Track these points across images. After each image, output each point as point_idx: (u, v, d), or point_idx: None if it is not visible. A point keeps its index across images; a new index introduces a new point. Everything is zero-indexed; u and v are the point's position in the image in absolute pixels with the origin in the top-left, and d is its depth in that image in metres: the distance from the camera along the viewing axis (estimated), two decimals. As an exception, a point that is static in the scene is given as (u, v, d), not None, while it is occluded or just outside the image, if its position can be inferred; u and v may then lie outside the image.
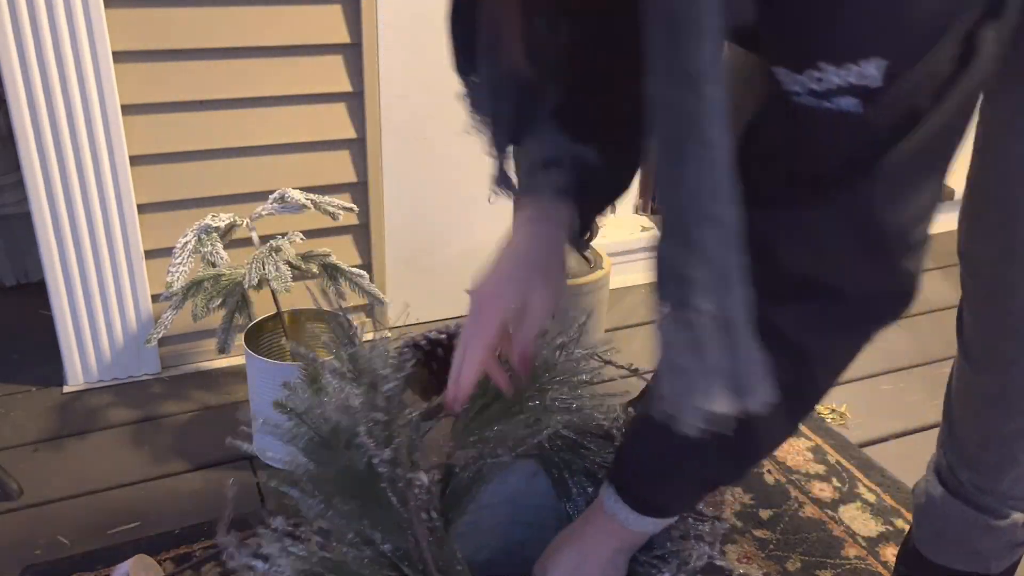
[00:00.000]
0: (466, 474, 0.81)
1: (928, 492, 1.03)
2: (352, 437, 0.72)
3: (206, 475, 1.36)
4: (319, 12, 1.49)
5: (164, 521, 1.26)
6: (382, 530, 0.72)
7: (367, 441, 0.70)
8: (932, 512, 1.02)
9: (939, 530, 1.02)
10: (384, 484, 0.71)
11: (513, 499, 0.94)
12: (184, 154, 1.52)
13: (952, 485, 1.00)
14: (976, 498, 0.97)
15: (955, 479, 0.99)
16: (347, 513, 0.72)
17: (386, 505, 0.71)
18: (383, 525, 0.72)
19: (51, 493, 1.32)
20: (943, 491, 1.00)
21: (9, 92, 1.35)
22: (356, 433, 0.71)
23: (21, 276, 1.93)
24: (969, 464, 0.98)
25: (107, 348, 1.57)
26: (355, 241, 1.71)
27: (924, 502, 1.03)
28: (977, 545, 1.00)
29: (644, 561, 0.81)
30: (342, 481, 0.73)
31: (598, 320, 1.68)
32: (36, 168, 1.41)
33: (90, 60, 1.37)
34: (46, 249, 1.47)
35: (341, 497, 0.72)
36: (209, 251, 1.29)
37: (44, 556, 1.20)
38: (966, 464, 0.98)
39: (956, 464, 0.99)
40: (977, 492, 0.97)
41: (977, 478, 0.97)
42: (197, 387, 1.59)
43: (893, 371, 1.70)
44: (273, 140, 1.56)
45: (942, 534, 1.02)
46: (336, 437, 0.74)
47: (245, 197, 1.56)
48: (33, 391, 1.57)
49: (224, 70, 1.48)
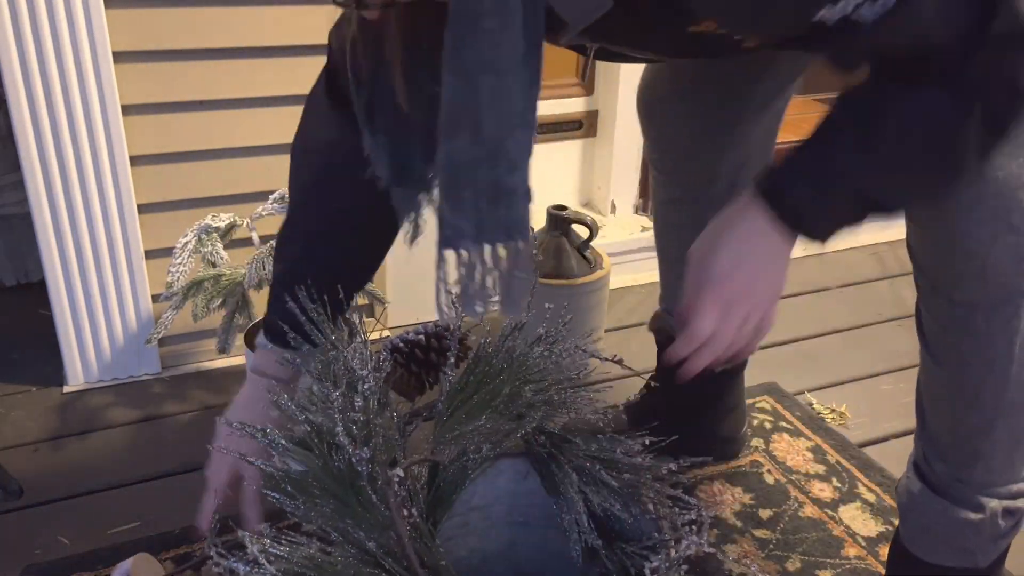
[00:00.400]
0: (450, 471, 0.82)
1: (909, 489, 1.03)
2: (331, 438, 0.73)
3: (206, 475, 1.36)
4: (319, 12, 1.49)
5: (164, 521, 1.26)
6: (365, 529, 0.72)
7: (344, 440, 0.71)
8: (915, 509, 1.03)
9: (923, 526, 1.03)
10: (364, 483, 0.71)
11: (504, 499, 0.94)
12: (184, 154, 1.52)
13: (931, 479, 1.01)
14: (953, 490, 0.98)
15: (932, 472, 1.00)
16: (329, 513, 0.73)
17: (368, 504, 0.72)
18: (366, 524, 0.72)
19: (51, 493, 1.32)
20: (922, 486, 1.01)
21: (9, 92, 1.35)
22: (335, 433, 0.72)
23: (21, 276, 1.93)
24: (942, 456, 0.99)
25: (107, 348, 1.57)
26: (355, 241, 1.71)
27: (906, 500, 1.04)
28: (961, 540, 1.00)
29: (632, 552, 0.81)
30: (323, 481, 0.73)
31: (598, 320, 1.69)
32: (36, 168, 1.41)
33: (90, 60, 1.37)
34: (46, 249, 1.47)
35: (323, 497, 0.73)
36: (209, 251, 1.29)
37: (44, 556, 1.20)
38: (939, 456, 0.99)
39: (931, 456, 1.00)
40: (954, 483, 0.98)
41: (951, 469, 0.98)
42: (197, 387, 1.59)
43: (893, 371, 1.70)
44: (273, 140, 1.56)
45: (927, 530, 1.03)
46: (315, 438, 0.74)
47: (245, 197, 1.56)
48: (33, 391, 1.57)
49: (224, 70, 1.48)
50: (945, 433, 0.98)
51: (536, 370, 0.85)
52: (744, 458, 1.42)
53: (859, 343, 1.81)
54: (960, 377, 0.93)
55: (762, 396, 1.59)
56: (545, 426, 0.87)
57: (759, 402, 1.57)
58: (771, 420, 1.52)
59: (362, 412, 0.74)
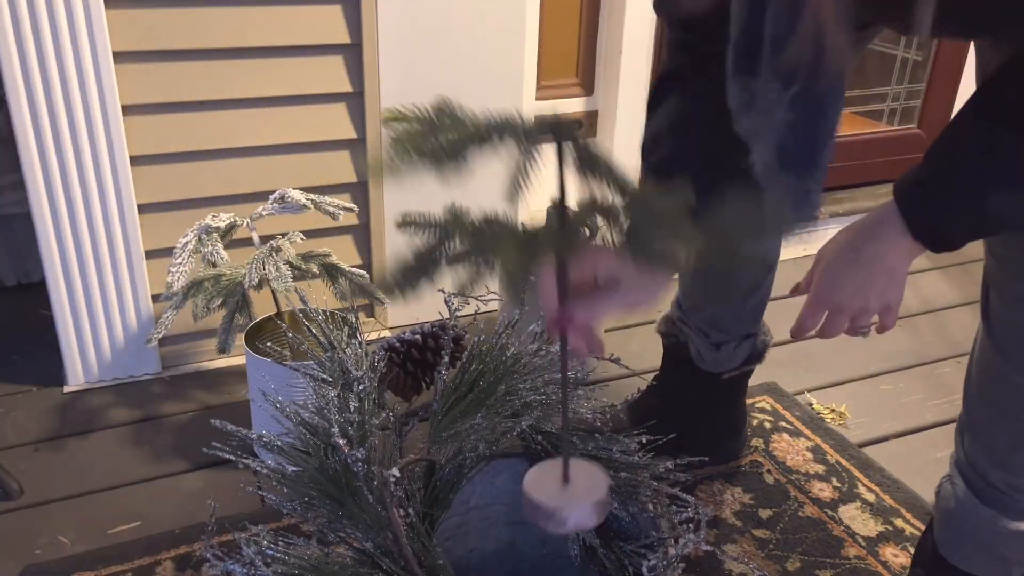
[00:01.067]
0: (447, 470, 0.82)
1: (956, 495, 0.99)
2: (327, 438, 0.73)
3: (206, 475, 1.37)
4: (319, 12, 1.50)
5: (164, 521, 1.26)
6: (362, 529, 0.72)
7: (339, 441, 0.71)
8: (961, 515, 0.99)
9: (964, 534, 1.00)
10: (360, 483, 0.71)
11: (502, 499, 0.94)
12: (184, 154, 1.52)
13: (978, 486, 0.97)
14: (1006, 500, 0.94)
15: (982, 479, 0.96)
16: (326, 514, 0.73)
17: (364, 504, 0.72)
18: (363, 525, 0.72)
19: (51, 493, 1.32)
20: (969, 493, 0.97)
21: (9, 92, 1.35)
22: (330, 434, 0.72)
23: (22, 276, 1.94)
24: (1002, 464, 0.94)
25: (107, 348, 1.58)
26: (355, 241, 1.71)
27: (951, 505, 1.00)
28: (1003, 550, 0.97)
29: (630, 551, 0.82)
30: (319, 483, 0.73)
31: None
32: (36, 168, 1.41)
33: (90, 60, 1.37)
34: (46, 249, 1.47)
35: (319, 498, 0.73)
36: (209, 251, 1.29)
37: (44, 556, 1.20)
38: (998, 464, 0.94)
39: (985, 464, 0.96)
40: (1011, 492, 0.94)
41: (1011, 477, 0.94)
42: (197, 387, 1.59)
43: (893, 371, 1.70)
44: (273, 140, 1.56)
45: (967, 538, 0.99)
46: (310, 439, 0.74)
47: (245, 197, 1.56)
48: (33, 391, 1.58)
49: (224, 70, 1.48)
50: (1006, 439, 0.93)
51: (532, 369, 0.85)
52: (744, 458, 1.42)
53: (859, 343, 1.81)
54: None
55: (762, 396, 1.59)
56: (542, 425, 0.87)
57: (759, 402, 1.57)
58: (771, 420, 1.52)
59: (357, 413, 0.74)
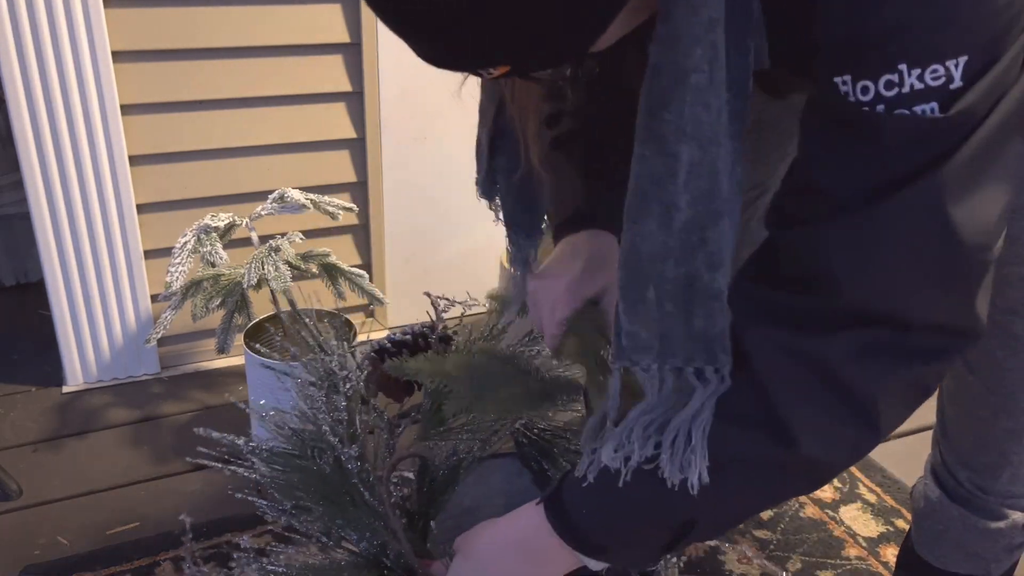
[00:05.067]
0: (441, 470, 0.82)
1: (926, 495, 1.03)
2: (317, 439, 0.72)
3: (206, 475, 1.36)
4: (319, 12, 1.49)
5: (164, 521, 1.26)
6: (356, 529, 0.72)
7: (332, 440, 0.71)
8: (931, 515, 1.02)
9: (938, 533, 1.02)
10: (355, 481, 0.71)
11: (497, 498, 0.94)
12: (184, 154, 1.52)
13: (950, 485, 1.00)
14: (975, 499, 0.97)
15: (953, 479, 0.99)
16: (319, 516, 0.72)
17: (360, 503, 0.72)
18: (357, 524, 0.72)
19: (51, 493, 1.32)
20: (940, 493, 1.00)
21: (9, 92, 1.35)
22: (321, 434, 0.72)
23: (21, 276, 1.93)
24: (965, 463, 0.97)
25: (107, 348, 1.57)
26: (355, 241, 1.71)
27: (923, 506, 1.03)
28: (976, 548, 0.99)
29: None
30: (310, 484, 0.73)
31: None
32: (36, 168, 1.41)
33: (90, 60, 1.37)
34: (45, 249, 1.47)
35: (311, 500, 0.73)
36: (209, 251, 1.29)
37: (44, 556, 1.19)
38: (963, 463, 0.98)
39: (953, 463, 0.99)
40: (977, 491, 0.97)
41: (975, 477, 0.97)
42: (197, 387, 1.59)
43: (893, 371, 1.69)
44: (273, 140, 1.56)
45: (941, 537, 1.02)
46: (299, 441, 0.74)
47: (245, 197, 1.56)
48: (33, 391, 1.57)
49: (224, 70, 1.48)
50: (969, 440, 0.96)
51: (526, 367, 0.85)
52: (744, 458, 1.42)
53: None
54: (993, 383, 0.91)
55: (762, 396, 1.58)
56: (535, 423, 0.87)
57: (759, 402, 1.57)
58: (771, 420, 1.52)
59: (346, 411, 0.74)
